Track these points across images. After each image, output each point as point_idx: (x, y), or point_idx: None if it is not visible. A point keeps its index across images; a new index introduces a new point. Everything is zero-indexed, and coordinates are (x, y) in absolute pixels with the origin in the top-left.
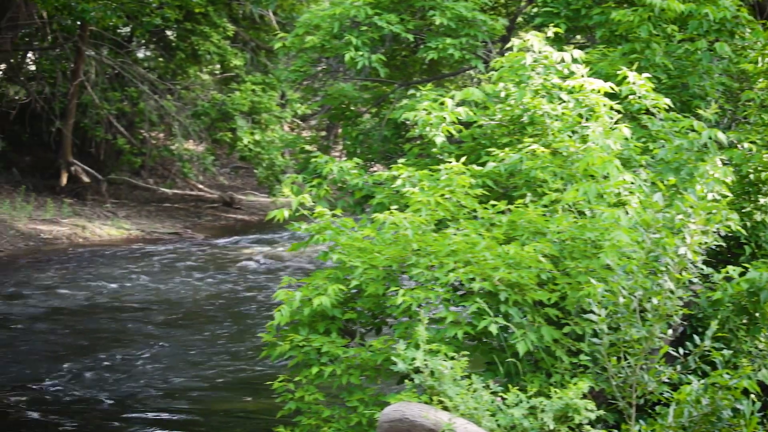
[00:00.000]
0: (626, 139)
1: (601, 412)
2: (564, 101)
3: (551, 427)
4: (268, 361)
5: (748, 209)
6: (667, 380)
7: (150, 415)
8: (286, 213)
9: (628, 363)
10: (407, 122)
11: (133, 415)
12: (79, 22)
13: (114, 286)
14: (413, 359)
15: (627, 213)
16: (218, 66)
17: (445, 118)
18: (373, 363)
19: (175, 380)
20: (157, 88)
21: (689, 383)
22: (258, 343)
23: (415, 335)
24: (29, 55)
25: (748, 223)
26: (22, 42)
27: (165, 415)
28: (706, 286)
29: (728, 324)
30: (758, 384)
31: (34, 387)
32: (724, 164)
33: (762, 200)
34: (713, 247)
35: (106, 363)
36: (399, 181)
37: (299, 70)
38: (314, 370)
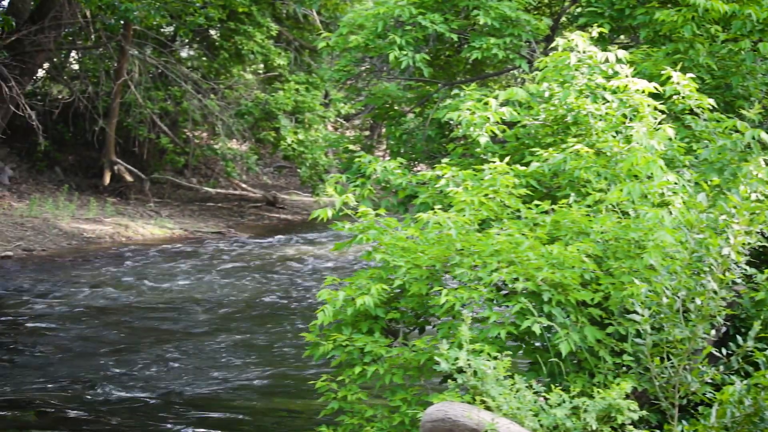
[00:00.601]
0: (670, 139)
1: (644, 412)
2: (608, 101)
3: (594, 428)
4: (311, 361)
5: None
6: (709, 381)
7: (192, 414)
8: (330, 212)
9: (671, 363)
10: (451, 122)
11: (175, 414)
12: (122, 22)
13: (157, 285)
14: (456, 359)
15: (671, 213)
16: (262, 65)
17: (489, 118)
18: (416, 363)
19: (217, 379)
20: (200, 87)
21: (732, 384)
22: (301, 342)
23: (459, 335)
24: (72, 54)
25: None
26: (65, 41)
27: (207, 414)
28: (750, 286)
29: None
30: None
31: (76, 386)
32: None
33: None
34: (756, 247)
35: (148, 362)
36: (443, 181)
37: (343, 70)
38: (357, 369)
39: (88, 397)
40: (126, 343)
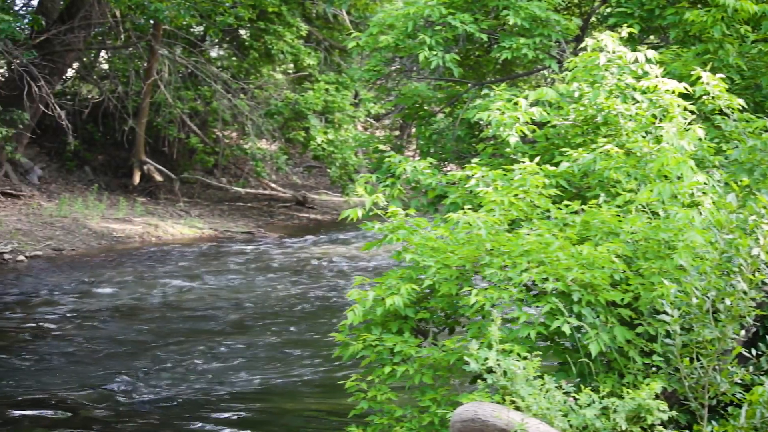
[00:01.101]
0: (700, 139)
1: (674, 412)
2: (638, 101)
3: (623, 428)
4: (340, 361)
5: None
6: (739, 381)
7: (220, 414)
8: (360, 212)
9: (701, 364)
10: (481, 122)
11: (203, 413)
12: (152, 21)
13: (186, 284)
14: (486, 359)
15: (700, 214)
16: (291, 65)
17: (518, 118)
18: (445, 363)
19: (246, 379)
20: (230, 87)
21: (762, 384)
22: (330, 342)
23: (488, 335)
24: (102, 53)
25: None
26: (94, 41)
27: (236, 415)
28: None
29: None
30: None
31: (105, 385)
32: None
33: None
34: None
35: (177, 361)
36: (473, 181)
37: (373, 70)
38: (387, 369)
39: (118, 396)
40: (155, 342)
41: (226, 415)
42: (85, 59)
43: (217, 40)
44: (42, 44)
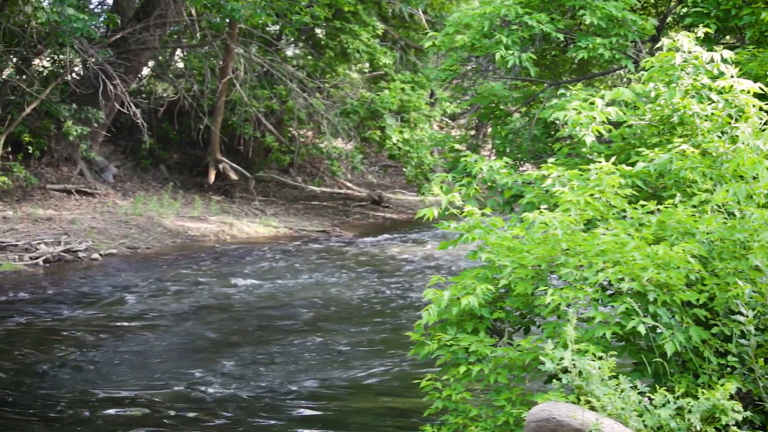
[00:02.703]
0: None
1: (748, 413)
2: (713, 102)
3: (698, 428)
4: (414, 360)
5: None
6: None
7: (295, 411)
8: (436, 212)
9: None
10: (557, 122)
11: (278, 411)
12: (228, 20)
13: (261, 283)
14: (561, 359)
15: None
16: (367, 64)
17: (595, 117)
18: (520, 362)
19: (320, 378)
20: (305, 86)
21: None
22: (405, 341)
23: (564, 335)
24: (177, 52)
25: None
26: (170, 39)
27: (310, 412)
28: None
29: None
30: None
31: (179, 383)
32: None
33: None
34: None
35: (251, 360)
36: (548, 181)
37: (449, 69)
38: (462, 369)
39: (192, 394)
40: (229, 341)
41: (300, 413)
42: (160, 58)
43: (292, 39)
44: (117, 43)
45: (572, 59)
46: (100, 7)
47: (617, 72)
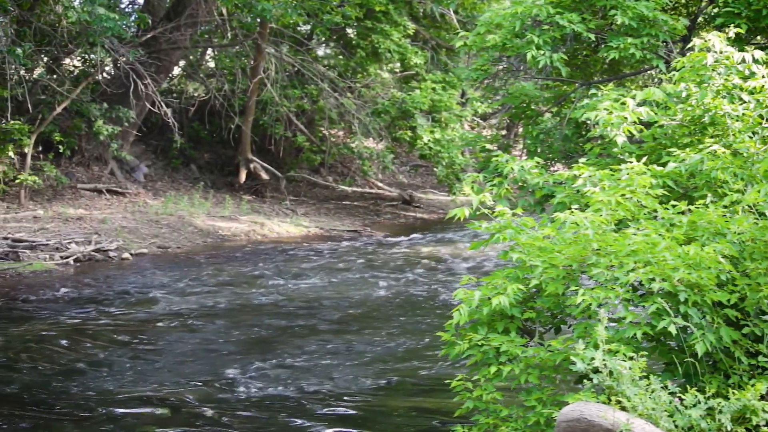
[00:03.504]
0: None
1: None
2: (745, 102)
3: (729, 428)
4: (445, 360)
5: None
6: None
7: (324, 411)
8: (467, 211)
9: None
10: (588, 122)
11: (308, 411)
12: (258, 20)
13: (292, 283)
14: (592, 359)
15: None
16: (398, 64)
17: (626, 117)
18: (551, 362)
19: (350, 377)
20: (336, 85)
21: None
22: (436, 341)
23: (594, 335)
24: (208, 51)
25: None
26: (201, 39)
27: (339, 411)
28: None
29: None
30: None
31: (209, 383)
32: None
33: None
34: None
35: (281, 359)
36: (580, 181)
37: (480, 69)
38: (493, 369)
39: (221, 394)
40: (260, 340)
41: (330, 412)
42: (191, 57)
43: (323, 39)
44: (148, 42)
45: (603, 59)
46: (130, 6)
47: (648, 72)
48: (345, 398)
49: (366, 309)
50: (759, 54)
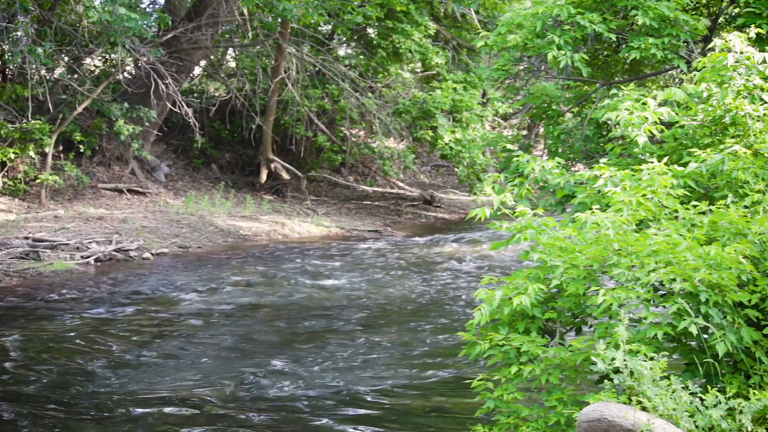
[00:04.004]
0: None
1: None
2: (766, 102)
3: (749, 429)
4: (465, 360)
5: None
6: None
7: (344, 411)
8: (488, 212)
9: None
10: (609, 122)
11: (328, 411)
12: (280, 20)
13: (313, 283)
14: (613, 359)
15: None
16: (419, 64)
17: (647, 118)
18: (572, 363)
19: (371, 377)
20: (358, 85)
21: None
22: (456, 341)
23: (615, 335)
24: (229, 51)
25: None
26: (222, 39)
27: (360, 412)
28: None
29: None
30: None
31: (229, 383)
32: None
33: None
34: None
35: (302, 360)
36: (601, 181)
37: (501, 69)
38: (513, 369)
39: (243, 394)
40: (281, 340)
41: (352, 412)
42: (212, 57)
43: (345, 39)
44: (169, 42)
45: (624, 59)
46: (151, 6)
47: (669, 72)
48: (366, 398)
49: (387, 309)
50: None
